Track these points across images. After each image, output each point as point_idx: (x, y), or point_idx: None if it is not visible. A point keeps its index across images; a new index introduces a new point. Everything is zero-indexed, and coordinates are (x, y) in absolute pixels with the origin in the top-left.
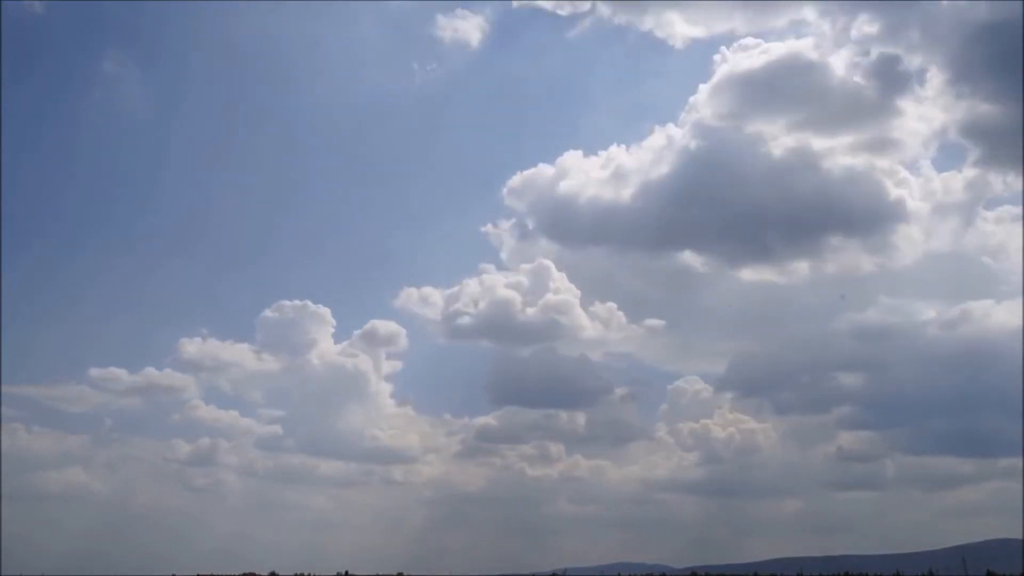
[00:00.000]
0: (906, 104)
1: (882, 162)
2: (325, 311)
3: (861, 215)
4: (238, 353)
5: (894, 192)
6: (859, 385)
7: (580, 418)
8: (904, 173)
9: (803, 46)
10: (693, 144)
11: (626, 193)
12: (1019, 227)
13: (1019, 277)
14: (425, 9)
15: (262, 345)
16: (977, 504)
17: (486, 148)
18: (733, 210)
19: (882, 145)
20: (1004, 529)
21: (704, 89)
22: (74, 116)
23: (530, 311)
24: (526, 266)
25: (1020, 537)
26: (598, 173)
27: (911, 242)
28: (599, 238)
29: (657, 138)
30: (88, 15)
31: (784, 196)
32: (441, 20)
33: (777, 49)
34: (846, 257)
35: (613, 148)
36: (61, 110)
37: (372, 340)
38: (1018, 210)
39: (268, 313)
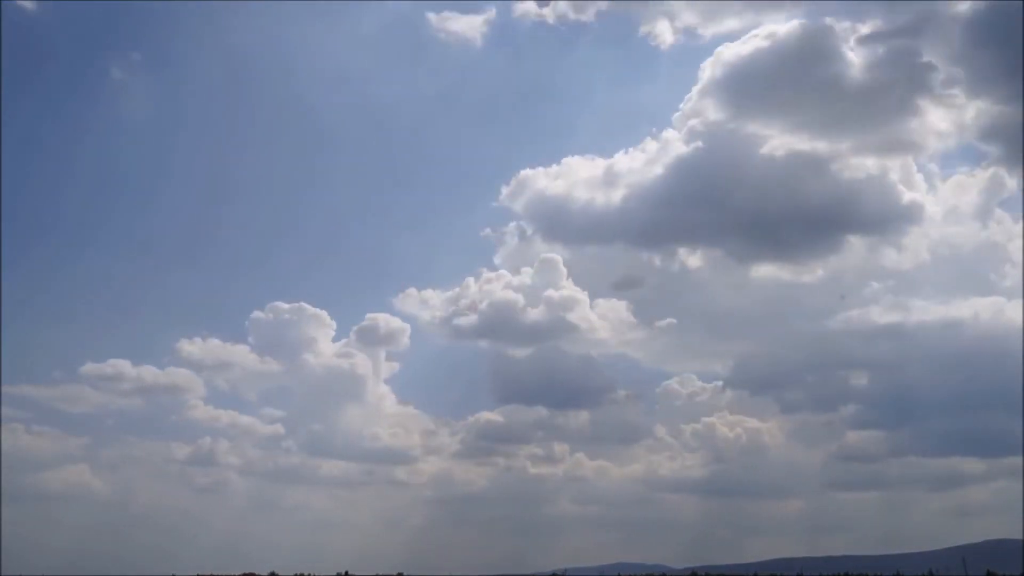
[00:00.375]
0: (918, 104)
1: (893, 162)
2: (326, 312)
3: (873, 215)
4: (239, 354)
5: (905, 192)
6: (864, 384)
7: (582, 418)
8: (915, 173)
9: (810, 45)
10: (696, 145)
11: (626, 195)
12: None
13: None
14: (425, 11)
15: (264, 346)
16: (977, 504)
17: (488, 150)
18: (739, 209)
19: (895, 145)
20: (1004, 529)
21: (705, 90)
22: (77, 119)
23: (532, 311)
24: (528, 266)
25: (1020, 537)
26: (599, 175)
27: (921, 241)
28: (600, 238)
29: (659, 140)
30: (94, 19)
31: (794, 195)
32: (442, 23)
33: (782, 48)
34: (856, 256)
35: (614, 150)
36: (64, 113)
37: (373, 340)
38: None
39: (268, 315)
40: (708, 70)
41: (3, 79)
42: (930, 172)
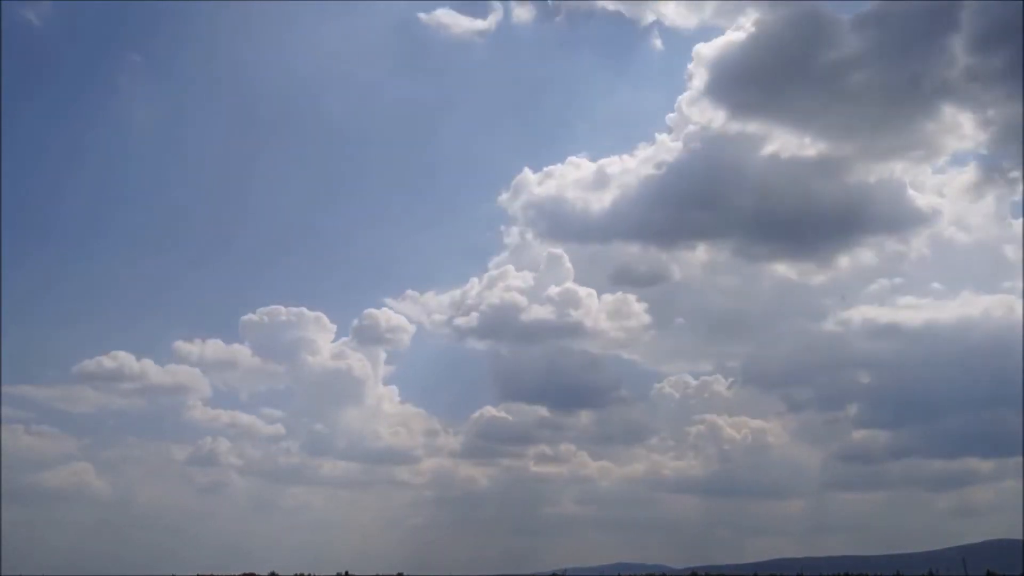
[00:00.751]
0: (927, 103)
1: (900, 162)
2: (325, 315)
3: (881, 216)
4: (240, 355)
5: (912, 191)
6: (866, 384)
7: (584, 417)
8: (925, 173)
9: (815, 44)
10: (695, 145)
11: (626, 194)
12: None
13: None
14: (426, 13)
15: (264, 347)
16: (978, 504)
17: (489, 151)
18: (742, 209)
19: (903, 145)
20: (1005, 529)
21: (704, 91)
22: (78, 121)
23: (534, 310)
24: (530, 267)
25: (1020, 537)
26: (598, 176)
27: (928, 241)
28: (601, 238)
29: (659, 140)
30: (96, 22)
31: (801, 194)
32: (442, 26)
33: (786, 46)
34: (865, 256)
35: (615, 151)
36: (66, 115)
37: (374, 340)
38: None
39: (263, 317)
40: (720, 69)
41: (5, 80)
42: (939, 171)
